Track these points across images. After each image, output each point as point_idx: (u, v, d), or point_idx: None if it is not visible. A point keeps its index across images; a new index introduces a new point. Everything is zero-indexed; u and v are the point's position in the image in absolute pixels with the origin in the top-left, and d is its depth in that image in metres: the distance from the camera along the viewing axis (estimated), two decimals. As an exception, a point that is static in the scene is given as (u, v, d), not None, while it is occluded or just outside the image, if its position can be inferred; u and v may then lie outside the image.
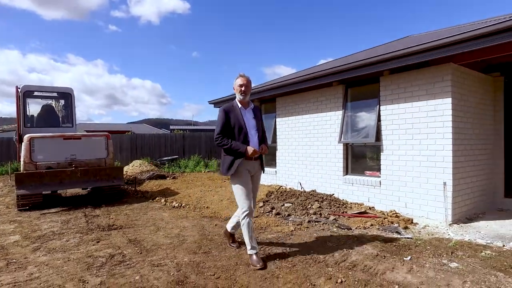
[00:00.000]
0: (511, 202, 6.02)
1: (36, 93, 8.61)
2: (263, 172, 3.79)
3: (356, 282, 2.92)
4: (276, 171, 8.60)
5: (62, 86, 8.43)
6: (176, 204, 6.59)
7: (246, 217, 3.43)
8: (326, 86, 7.01)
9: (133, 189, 8.73)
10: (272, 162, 8.87)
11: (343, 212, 5.50)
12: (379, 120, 6.01)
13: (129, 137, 16.68)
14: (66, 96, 8.35)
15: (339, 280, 2.96)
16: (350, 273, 3.13)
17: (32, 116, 8.82)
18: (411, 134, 5.51)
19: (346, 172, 6.74)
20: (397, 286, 2.83)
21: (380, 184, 5.99)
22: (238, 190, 3.50)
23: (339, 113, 6.76)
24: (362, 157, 6.62)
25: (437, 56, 4.81)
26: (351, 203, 6.25)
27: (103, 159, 7.15)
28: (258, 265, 3.28)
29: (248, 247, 3.43)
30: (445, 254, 3.55)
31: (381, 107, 5.98)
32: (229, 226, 3.97)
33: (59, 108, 8.97)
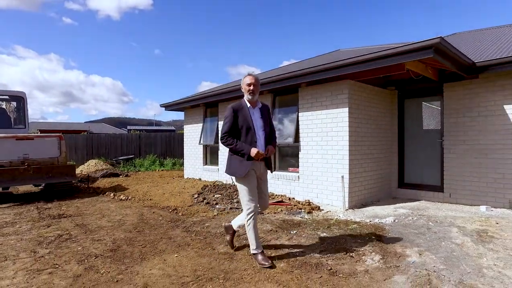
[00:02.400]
0: (403, 191, 7.43)
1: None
2: (271, 172, 3.74)
3: (247, 247, 3.98)
4: (218, 169, 9.60)
5: (14, 90, 8.90)
6: (123, 197, 7.41)
7: (251, 218, 3.41)
8: (259, 94, 8.09)
9: (86, 186, 9.37)
10: (215, 161, 9.86)
11: (264, 201, 6.60)
12: (297, 124, 7.18)
13: (84, 137, 17.00)
14: (18, 99, 8.83)
15: (234, 245, 4.01)
16: (244, 241, 4.18)
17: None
18: (320, 136, 6.71)
19: (274, 168, 7.87)
20: (273, 247, 3.92)
21: (299, 179, 7.15)
22: (242, 191, 3.46)
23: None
24: (286, 155, 7.78)
25: (334, 74, 6.04)
26: (276, 195, 7.37)
27: (56, 158, 7.79)
28: (266, 263, 3.29)
29: (253, 246, 3.45)
30: (322, 228, 4.72)
31: (299, 113, 7.16)
32: (234, 223, 3.86)
33: (11, 110, 9.39)
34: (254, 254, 3.46)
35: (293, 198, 7.14)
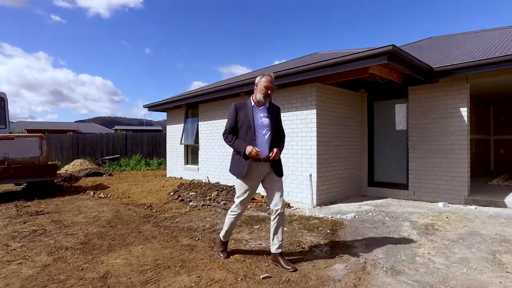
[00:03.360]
0: (373, 189, 7.79)
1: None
2: (280, 176, 3.50)
3: (209, 240, 4.27)
4: (198, 168, 9.88)
5: (-6, 91, 9.07)
6: (103, 195, 7.65)
7: (233, 216, 3.53)
8: (235, 96, 8.41)
9: (68, 185, 9.57)
10: (196, 160, 10.13)
11: (237, 199, 6.90)
12: (271, 125, 7.48)
13: (70, 136, 17.11)
14: (-2, 99, 9.00)
15: (197, 238, 4.30)
16: (208, 234, 4.49)
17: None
18: (291, 136, 7.02)
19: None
20: (233, 240, 4.22)
21: (271, 177, 7.46)
22: (238, 189, 3.48)
23: (244, 119, 8.18)
24: (261, 155, 8.08)
25: (302, 78, 6.37)
26: (251, 193, 7.67)
27: (37, 158, 7.99)
28: (222, 256, 3.55)
29: (222, 234, 3.66)
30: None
31: (272, 115, 7.46)
32: (273, 248, 3.46)
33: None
34: (220, 238, 3.69)
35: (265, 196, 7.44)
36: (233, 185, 8.05)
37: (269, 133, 3.42)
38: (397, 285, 2.88)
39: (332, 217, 5.49)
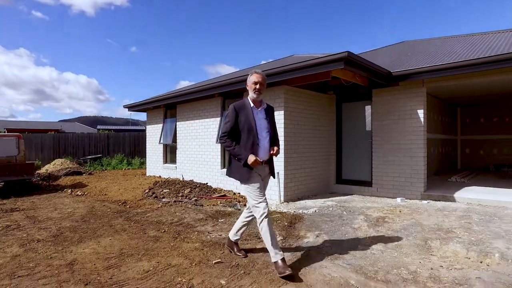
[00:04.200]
0: (340, 187, 8.22)
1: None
2: (274, 178, 3.63)
3: (175, 232, 4.60)
4: (176, 167, 10.17)
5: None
6: (80, 193, 7.88)
7: (264, 219, 3.18)
8: (210, 97, 8.74)
9: (47, 183, 9.73)
10: (174, 159, 10.42)
11: (208, 196, 7.23)
12: (243, 125, 7.84)
13: (51, 136, 17.14)
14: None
15: (163, 230, 4.62)
16: (174, 227, 4.82)
17: None
18: (261, 136, 7.39)
19: (223, 166, 8.51)
20: (196, 232, 4.56)
21: (243, 175, 7.81)
22: (249, 193, 3.31)
23: (218, 119, 8.53)
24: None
25: (270, 80, 6.70)
26: (224, 190, 8.02)
27: (14, 157, 8.16)
28: (286, 271, 2.96)
29: (272, 253, 3.13)
30: (248, 216, 5.39)
31: (244, 116, 7.82)
32: (231, 234, 3.66)
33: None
34: (274, 262, 3.12)
35: (238, 193, 7.80)
36: (207, 183, 8.39)
37: (269, 134, 3.38)
38: (332, 267, 3.27)
39: (294, 212, 5.87)
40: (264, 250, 3.78)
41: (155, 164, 11.44)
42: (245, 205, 6.45)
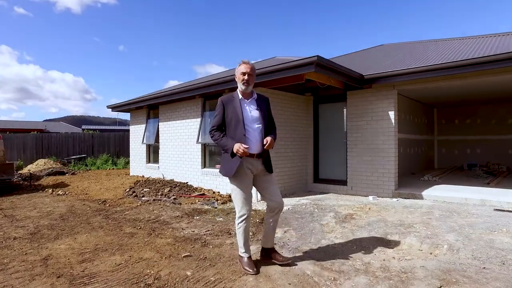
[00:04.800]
0: (317, 186, 8.49)
1: None
2: (270, 173, 3.32)
3: (150, 228, 4.78)
4: (158, 166, 10.31)
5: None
6: (61, 193, 7.97)
7: (243, 222, 3.16)
8: (191, 98, 8.92)
9: (28, 183, 9.77)
10: (157, 159, 10.56)
11: (188, 194, 7.41)
12: (222, 126, 8.05)
13: (34, 136, 17.04)
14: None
15: (139, 227, 4.80)
16: (150, 224, 5.00)
17: None
18: (240, 137, 7.61)
19: (204, 165, 8.70)
20: (171, 228, 4.76)
21: (223, 174, 8.02)
22: (234, 193, 3.23)
23: (199, 119, 8.71)
24: (214, 154, 8.64)
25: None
26: (204, 189, 8.21)
27: (-6, 157, 8.21)
28: (251, 270, 3.08)
29: (241, 250, 3.24)
30: (221, 215, 5.61)
31: (223, 116, 8.03)
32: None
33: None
34: (240, 256, 3.27)
35: (218, 192, 8.00)
36: (187, 182, 8.57)
37: (261, 126, 3.20)
38: (292, 260, 3.50)
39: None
40: (233, 244, 4.01)
41: (138, 164, 11.56)
42: (223, 203, 6.68)
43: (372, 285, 2.89)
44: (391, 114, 7.22)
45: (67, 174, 12.14)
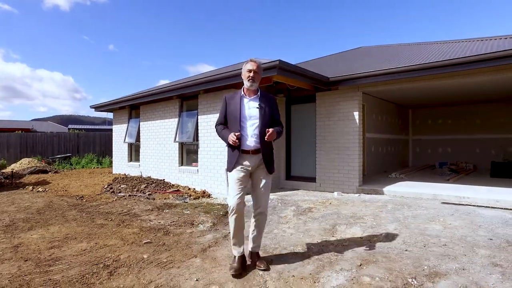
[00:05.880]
0: (289, 183, 8.90)
1: None
2: (270, 173, 3.35)
3: (120, 220, 5.14)
4: (139, 165, 10.63)
5: None
6: (41, 190, 8.26)
7: (230, 214, 3.25)
8: (169, 99, 9.27)
9: (9, 181, 10.01)
10: (138, 157, 10.89)
11: (163, 191, 7.77)
12: (197, 125, 8.43)
13: (18, 135, 17.19)
14: None
15: (110, 219, 5.16)
16: (121, 216, 5.36)
17: None
18: (213, 136, 7.97)
19: (181, 163, 9.06)
20: (140, 220, 5.12)
21: (198, 172, 8.40)
22: (228, 185, 3.30)
23: (176, 119, 9.07)
24: (190, 152, 9.01)
25: (220, 84, 7.33)
26: (181, 186, 8.57)
27: (-23, 154, 8.44)
28: (230, 270, 3.11)
29: (231, 243, 3.35)
30: (189, 208, 5.99)
31: (198, 116, 8.40)
32: (248, 245, 3.45)
33: None
34: (233, 254, 3.32)
35: (194, 189, 8.37)
36: (164, 179, 8.92)
37: (258, 124, 3.20)
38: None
39: (236, 203, 6.49)
40: (193, 234, 4.40)
41: (120, 163, 11.86)
42: (195, 198, 7.05)
43: (303, 265, 3.30)
44: (356, 114, 7.66)
45: (50, 173, 12.38)
